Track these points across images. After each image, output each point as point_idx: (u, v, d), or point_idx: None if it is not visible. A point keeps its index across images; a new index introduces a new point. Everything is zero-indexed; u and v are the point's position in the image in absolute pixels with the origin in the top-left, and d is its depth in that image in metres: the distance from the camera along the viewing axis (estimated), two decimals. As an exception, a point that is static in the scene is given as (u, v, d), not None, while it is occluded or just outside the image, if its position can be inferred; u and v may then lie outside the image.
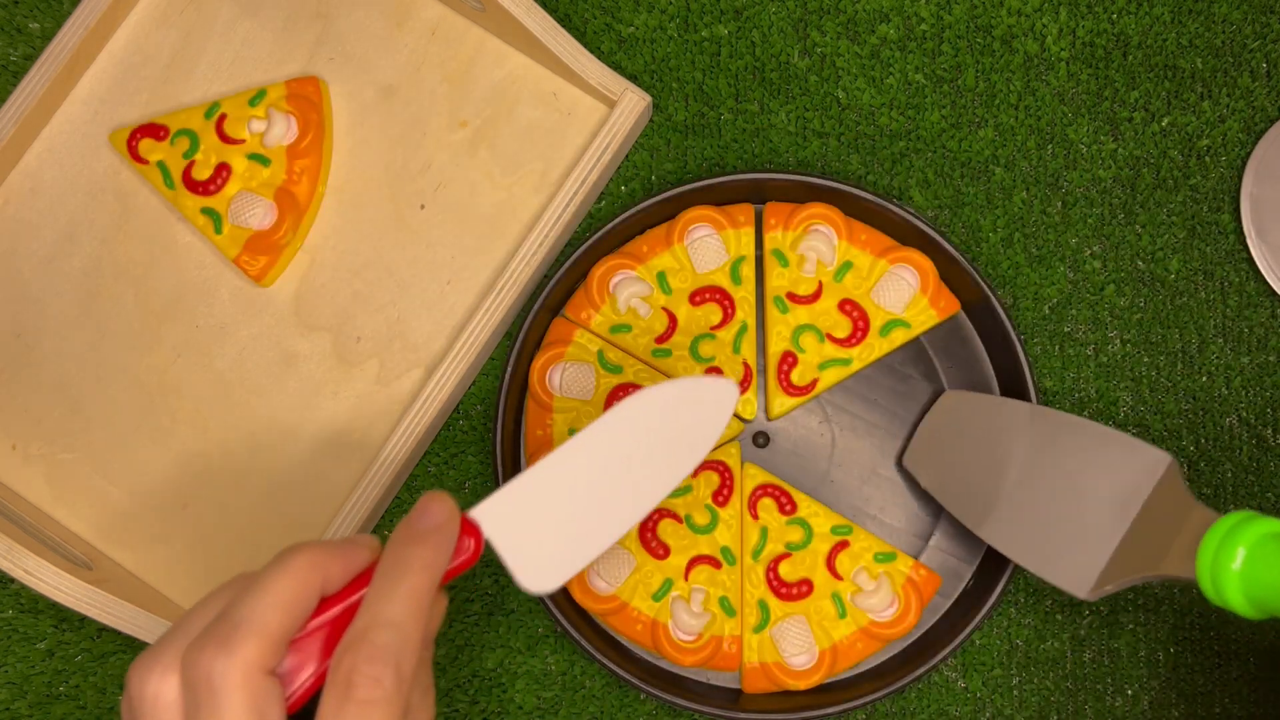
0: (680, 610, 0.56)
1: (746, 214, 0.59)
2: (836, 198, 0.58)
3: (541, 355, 0.58)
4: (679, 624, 0.56)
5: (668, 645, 0.56)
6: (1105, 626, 0.58)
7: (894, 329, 0.58)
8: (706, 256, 0.58)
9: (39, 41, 0.62)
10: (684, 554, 0.57)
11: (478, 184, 0.61)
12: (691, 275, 0.58)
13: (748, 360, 0.58)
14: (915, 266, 0.58)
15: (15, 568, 0.53)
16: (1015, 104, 0.61)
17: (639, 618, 0.56)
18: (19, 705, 0.58)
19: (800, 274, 0.58)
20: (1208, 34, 0.61)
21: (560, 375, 0.58)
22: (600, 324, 0.58)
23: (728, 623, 0.56)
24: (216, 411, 0.59)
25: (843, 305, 0.58)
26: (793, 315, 0.58)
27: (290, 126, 0.59)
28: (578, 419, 0.57)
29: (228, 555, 0.58)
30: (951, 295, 0.58)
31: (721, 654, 0.56)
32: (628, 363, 0.58)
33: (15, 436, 0.59)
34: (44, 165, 0.61)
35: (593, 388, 0.57)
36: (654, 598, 0.56)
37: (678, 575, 0.56)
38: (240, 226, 0.59)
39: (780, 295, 0.58)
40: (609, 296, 0.58)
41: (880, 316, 0.58)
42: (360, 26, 0.62)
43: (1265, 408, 0.59)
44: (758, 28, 0.62)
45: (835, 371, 0.58)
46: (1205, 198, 0.61)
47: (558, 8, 0.62)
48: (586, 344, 0.58)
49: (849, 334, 0.58)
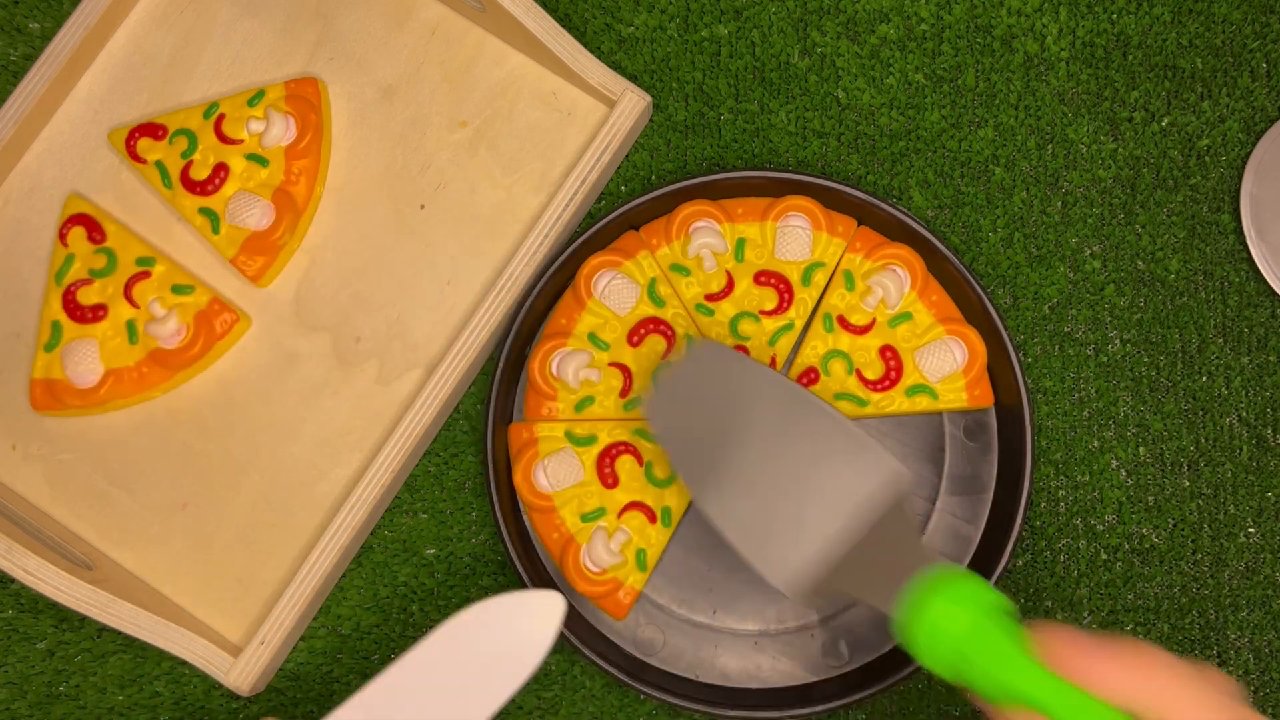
0: (599, 541, 0.56)
1: (846, 225, 0.59)
2: (923, 247, 0.57)
3: (600, 255, 0.58)
4: (591, 553, 0.56)
5: (572, 566, 0.56)
6: (1105, 626, 0.58)
7: (920, 394, 0.57)
8: (792, 246, 0.58)
9: (39, 41, 0.62)
10: (629, 494, 0.57)
11: (478, 184, 0.61)
12: (768, 255, 0.58)
13: (778, 356, 0.58)
14: (969, 347, 0.57)
15: (15, 568, 0.53)
16: (1015, 104, 0.61)
17: (560, 527, 0.56)
18: (19, 705, 0.58)
19: (860, 303, 0.58)
20: (1208, 34, 0.61)
21: (608, 282, 0.58)
22: (665, 256, 0.58)
23: (634, 574, 0.56)
24: (216, 411, 0.59)
25: (884, 350, 0.57)
26: (834, 338, 0.58)
27: (289, 127, 0.59)
28: (603, 327, 0.58)
29: (228, 555, 0.58)
30: (989, 388, 0.57)
31: (614, 599, 0.56)
32: (672, 302, 0.58)
33: (15, 436, 0.59)
34: (44, 165, 0.61)
35: (630, 307, 0.58)
36: (582, 518, 0.56)
37: (613, 509, 0.57)
38: (238, 227, 0.59)
39: (831, 314, 0.58)
40: (685, 236, 0.58)
41: (914, 377, 0.57)
42: (360, 26, 0.62)
43: (1265, 408, 0.59)
44: (758, 28, 0.62)
45: (847, 407, 0.57)
46: (1205, 198, 0.61)
47: (558, 8, 0.62)
48: (645, 267, 0.58)
49: (878, 379, 0.57)
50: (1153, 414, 0.60)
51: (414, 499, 0.59)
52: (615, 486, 0.57)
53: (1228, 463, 0.59)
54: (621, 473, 0.57)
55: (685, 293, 0.58)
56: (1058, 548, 0.59)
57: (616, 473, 0.57)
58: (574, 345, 0.58)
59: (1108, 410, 0.60)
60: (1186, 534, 0.59)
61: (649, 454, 0.57)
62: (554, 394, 0.57)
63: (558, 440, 0.57)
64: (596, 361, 0.58)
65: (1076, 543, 0.59)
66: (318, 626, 0.58)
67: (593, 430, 0.57)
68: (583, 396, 0.57)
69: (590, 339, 0.58)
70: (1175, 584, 0.58)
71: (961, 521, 0.58)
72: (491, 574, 0.59)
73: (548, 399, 0.57)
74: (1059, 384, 0.60)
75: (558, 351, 0.57)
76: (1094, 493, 0.59)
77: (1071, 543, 0.59)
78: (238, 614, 0.57)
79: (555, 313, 0.58)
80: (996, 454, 0.58)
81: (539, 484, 0.57)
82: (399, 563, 0.59)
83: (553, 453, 0.57)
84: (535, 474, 0.57)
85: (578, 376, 0.57)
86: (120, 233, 0.59)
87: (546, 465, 0.56)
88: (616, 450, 0.57)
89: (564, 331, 0.58)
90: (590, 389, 0.57)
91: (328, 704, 0.57)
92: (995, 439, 0.58)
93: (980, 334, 0.57)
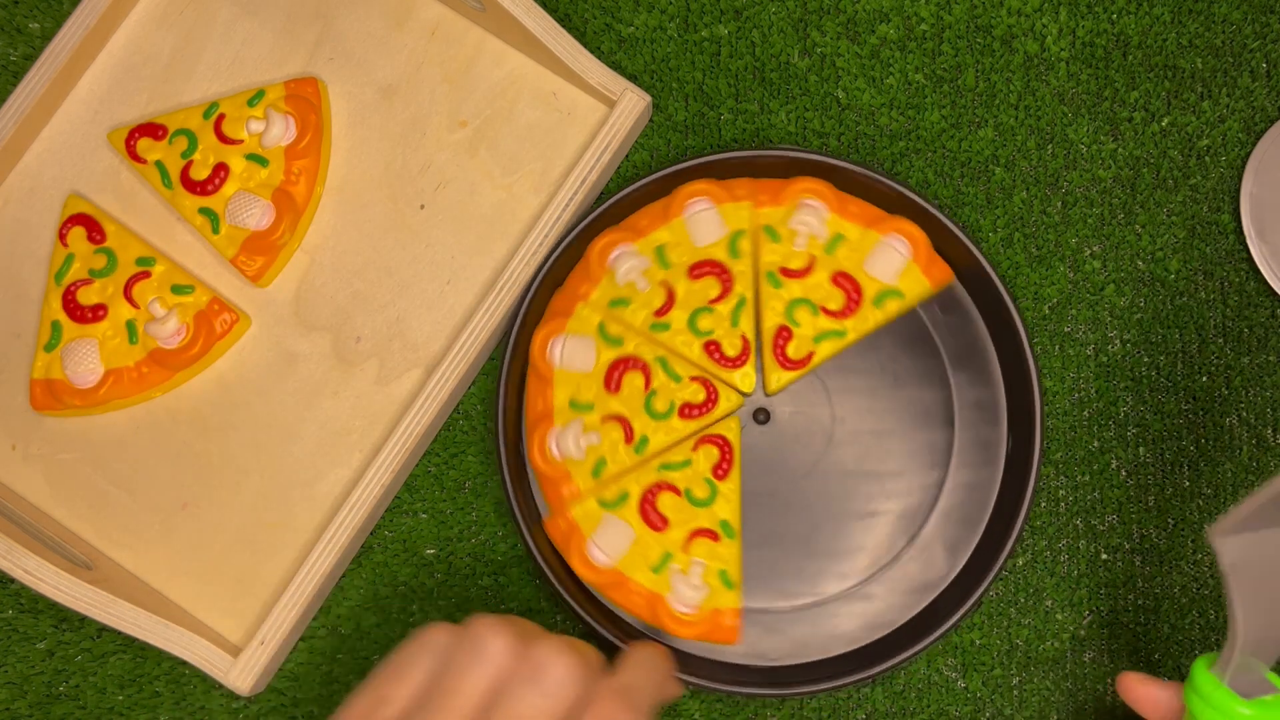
0: (679, 583, 0.56)
1: (745, 187, 0.59)
2: (825, 171, 0.58)
3: (542, 328, 0.58)
4: (678, 596, 0.55)
5: (667, 618, 0.55)
6: (1105, 626, 0.58)
7: (888, 299, 0.58)
8: (705, 230, 0.58)
9: (39, 41, 0.62)
10: (683, 527, 0.56)
11: (477, 184, 0.61)
12: (690, 249, 0.58)
13: (746, 334, 0.58)
14: (906, 236, 0.58)
15: (15, 568, 0.53)
16: (1015, 104, 0.61)
17: (638, 590, 0.56)
18: (19, 705, 0.58)
19: (792, 249, 0.58)
20: (1208, 34, 0.61)
21: (561, 348, 0.57)
22: (599, 298, 0.58)
23: (726, 595, 0.56)
24: (216, 411, 0.59)
25: (835, 278, 0.58)
26: (786, 290, 0.58)
27: (289, 127, 0.59)
28: (578, 391, 0.57)
29: (228, 555, 0.58)
30: (944, 264, 0.58)
31: (720, 627, 0.56)
32: (629, 336, 0.58)
33: (15, 436, 0.59)
34: (44, 165, 0.61)
35: (593, 360, 0.57)
36: (653, 570, 0.56)
37: (676, 548, 0.56)
38: (238, 227, 0.59)
39: (773, 270, 0.58)
40: (608, 271, 0.58)
41: (873, 287, 0.58)
42: (360, 26, 0.62)
43: (1265, 408, 0.59)
44: (758, 28, 0.62)
45: (831, 344, 0.58)
46: (1205, 198, 0.61)
47: (558, 8, 0.62)
48: (587, 317, 0.58)
49: (843, 306, 0.58)
50: (1153, 414, 0.60)
51: (414, 499, 0.59)
52: (667, 528, 0.56)
53: (1228, 463, 0.59)
54: (666, 511, 0.57)
55: (634, 320, 0.58)
56: (1058, 548, 0.59)
57: (662, 513, 0.57)
58: (561, 420, 0.57)
59: (1108, 410, 0.60)
60: (1186, 534, 0.59)
61: (682, 481, 0.57)
62: (567, 474, 0.57)
63: (595, 513, 0.57)
64: (589, 425, 0.57)
65: (1076, 543, 0.59)
66: (318, 626, 0.58)
67: (622, 488, 0.57)
68: (595, 462, 0.57)
69: (573, 407, 0.57)
70: (1175, 584, 0.58)
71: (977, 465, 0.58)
72: (491, 574, 0.59)
73: (563, 481, 0.57)
74: (1059, 384, 0.60)
75: (550, 434, 0.57)
76: (1094, 493, 0.59)
77: (1071, 543, 0.59)
78: (238, 614, 0.57)
79: (529, 398, 0.58)
80: (980, 317, 0.59)
81: (599, 562, 0.56)
82: (399, 563, 0.59)
83: (596, 528, 0.56)
84: (591, 555, 0.56)
85: (580, 446, 0.57)
86: (120, 233, 0.59)
87: (597, 542, 0.56)
88: (652, 494, 0.57)
89: (545, 414, 0.57)
90: (597, 452, 0.57)
91: (328, 704, 0.57)
92: (972, 304, 0.59)
93: (911, 220, 0.58)
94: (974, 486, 0.58)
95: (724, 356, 0.57)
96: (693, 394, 0.57)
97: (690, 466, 0.57)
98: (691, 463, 0.57)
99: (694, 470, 0.57)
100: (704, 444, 0.57)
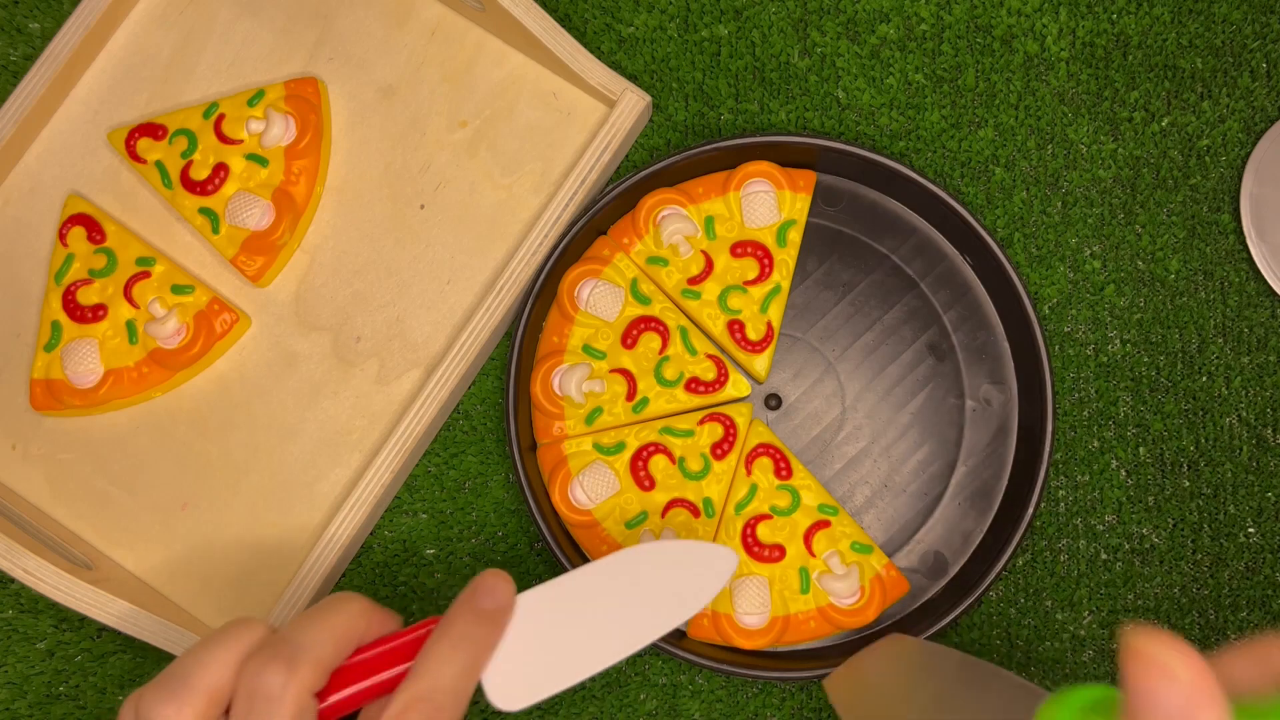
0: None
1: (807, 180, 0.59)
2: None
3: (577, 267, 0.58)
4: None
5: None
6: (1105, 627, 0.58)
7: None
8: (759, 212, 0.58)
9: (39, 41, 0.62)
10: (668, 493, 0.57)
11: (477, 184, 0.61)
12: (739, 227, 0.59)
13: (772, 321, 0.58)
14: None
15: (15, 568, 0.53)
16: (1015, 104, 0.61)
17: (606, 539, 0.56)
18: (19, 705, 0.58)
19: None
20: (1208, 34, 0.61)
21: (590, 291, 0.58)
22: (640, 252, 0.59)
23: None
24: (216, 411, 0.59)
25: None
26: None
27: (288, 127, 0.59)
28: (595, 336, 0.58)
29: (227, 555, 0.58)
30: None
31: None
32: (657, 298, 0.58)
33: (15, 436, 0.59)
34: (44, 165, 0.61)
35: (617, 312, 0.58)
36: (626, 525, 0.56)
37: (655, 511, 0.57)
38: (237, 227, 0.59)
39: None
40: (654, 228, 0.58)
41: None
42: (360, 26, 0.62)
43: (1265, 408, 0.59)
44: (758, 28, 0.62)
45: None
46: (1205, 198, 0.61)
47: (558, 8, 0.62)
48: (624, 269, 0.58)
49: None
50: (1153, 414, 0.60)
51: (414, 499, 0.59)
52: (653, 488, 0.57)
53: (1228, 463, 0.59)
54: (656, 473, 0.57)
55: (667, 282, 0.58)
56: (1058, 548, 0.59)
57: (651, 475, 0.57)
58: (570, 360, 0.58)
59: (1108, 410, 0.60)
60: (1186, 534, 0.59)
61: (680, 450, 0.57)
62: (561, 412, 0.57)
63: (587, 454, 0.57)
64: (597, 372, 0.57)
65: (1076, 543, 0.59)
66: (318, 626, 0.58)
67: (619, 438, 0.57)
68: (591, 409, 0.57)
69: (586, 351, 0.58)
70: (1175, 584, 0.58)
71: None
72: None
73: (556, 418, 0.57)
74: (1059, 384, 0.60)
75: (556, 370, 0.57)
76: (1094, 493, 0.59)
77: (1071, 543, 0.59)
78: (237, 614, 0.57)
79: (545, 331, 0.58)
80: (992, 305, 0.59)
81: (578, 501, 0.57)
82: (399, 563, 0.59)
83: (585, 467, 0.57)
84: (572, 492, 0.56)
85: (581, 390, 0.57)
86: (120, 233, 0.59)
87: (582, 481, 0.56)
88: (647, 453, 0.57)
89: (558, 349, 0.58)
90: (596, 400, 0.57)
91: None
92: (989, 302, 0.59)
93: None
94: (976, 487, 0.58)
95: (745, 339, 0.58)
96: (704, 370, 0.57)
97: (692, 438, 0.57)
98: (695, 435, 0.57)
99: (694, 443, 0.57)
100: (711, 420, 0.57)
